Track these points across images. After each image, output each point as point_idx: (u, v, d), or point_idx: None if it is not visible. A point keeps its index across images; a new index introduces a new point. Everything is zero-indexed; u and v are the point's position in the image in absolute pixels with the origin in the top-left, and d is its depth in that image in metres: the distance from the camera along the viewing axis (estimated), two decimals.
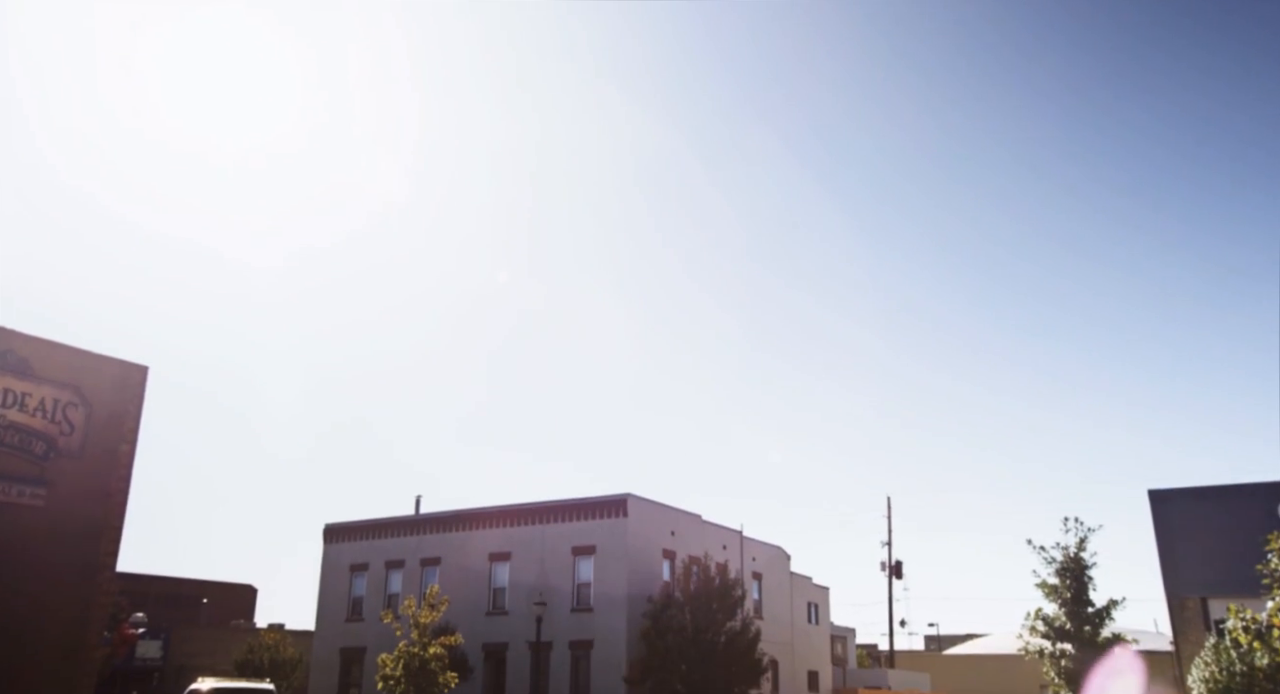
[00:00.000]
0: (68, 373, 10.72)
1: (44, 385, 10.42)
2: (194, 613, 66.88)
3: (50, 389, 10.46)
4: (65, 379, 10.64)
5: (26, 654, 10.14)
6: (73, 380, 10.70)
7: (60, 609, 10.49)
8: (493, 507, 45.56)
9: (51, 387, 10.47)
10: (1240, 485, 32.42)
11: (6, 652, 9.95)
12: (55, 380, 10.54)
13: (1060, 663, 25.98)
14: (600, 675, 39.47)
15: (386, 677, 19.56)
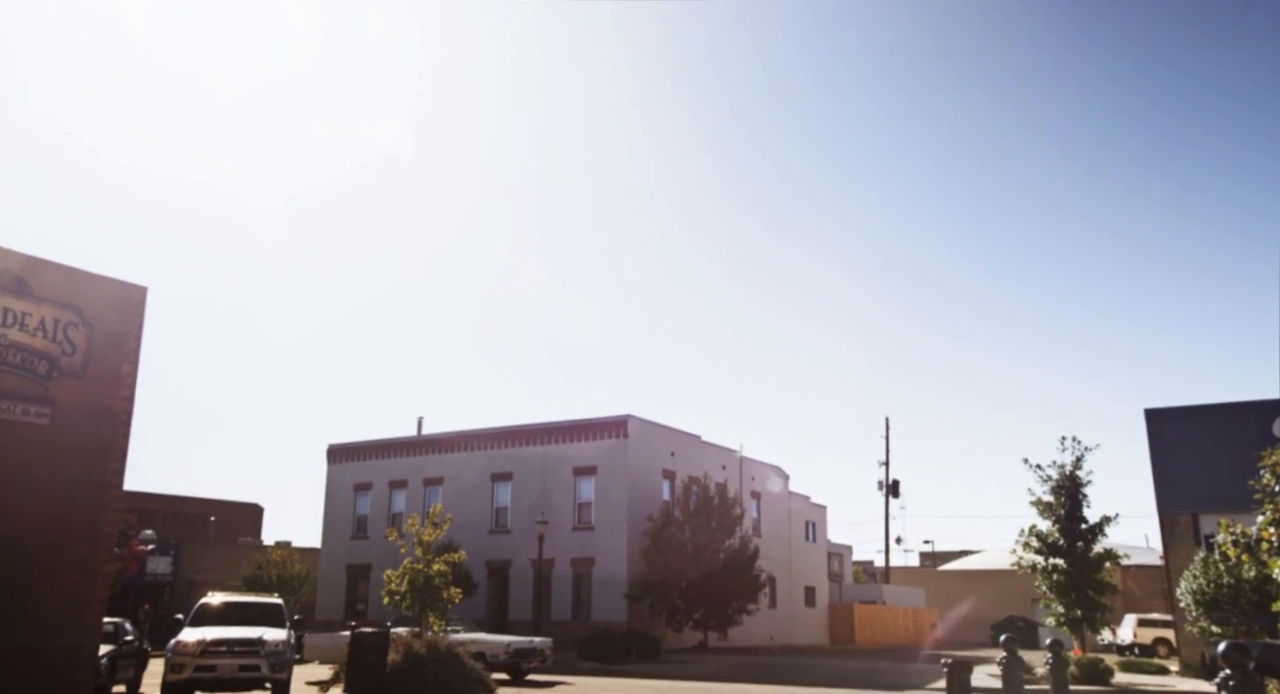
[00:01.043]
0: (66, 293, 10.69)
1: (44, 305, 10.40)
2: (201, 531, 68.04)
3: (50, 309, 10.44)
4: (64, 299, 10.61)
5: (41, 568, 10.34)
6: (72, 300, 10.68)
7: (71, 526, 10.65)
8: (494, 427, 46.00)
9: (51, 306, 10.45)
10: (1235, 403, 32.62)
11: (22, 566, 10.14)
12: (54, 300, 10.51)
13: (1052, 577, 26.48)
14: (601, 592, 40.34)
15: (392, 592, 19.91)
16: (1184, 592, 24.84)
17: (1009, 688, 10.07)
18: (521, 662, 23.74)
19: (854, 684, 24.16)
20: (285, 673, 18.24)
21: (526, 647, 24.17)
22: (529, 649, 24.17)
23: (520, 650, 23.77)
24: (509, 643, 23.86)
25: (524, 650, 23.93)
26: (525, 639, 25.14)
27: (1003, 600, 62.14)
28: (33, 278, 10.34)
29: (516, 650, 23.54)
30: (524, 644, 24.34)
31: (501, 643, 23.82)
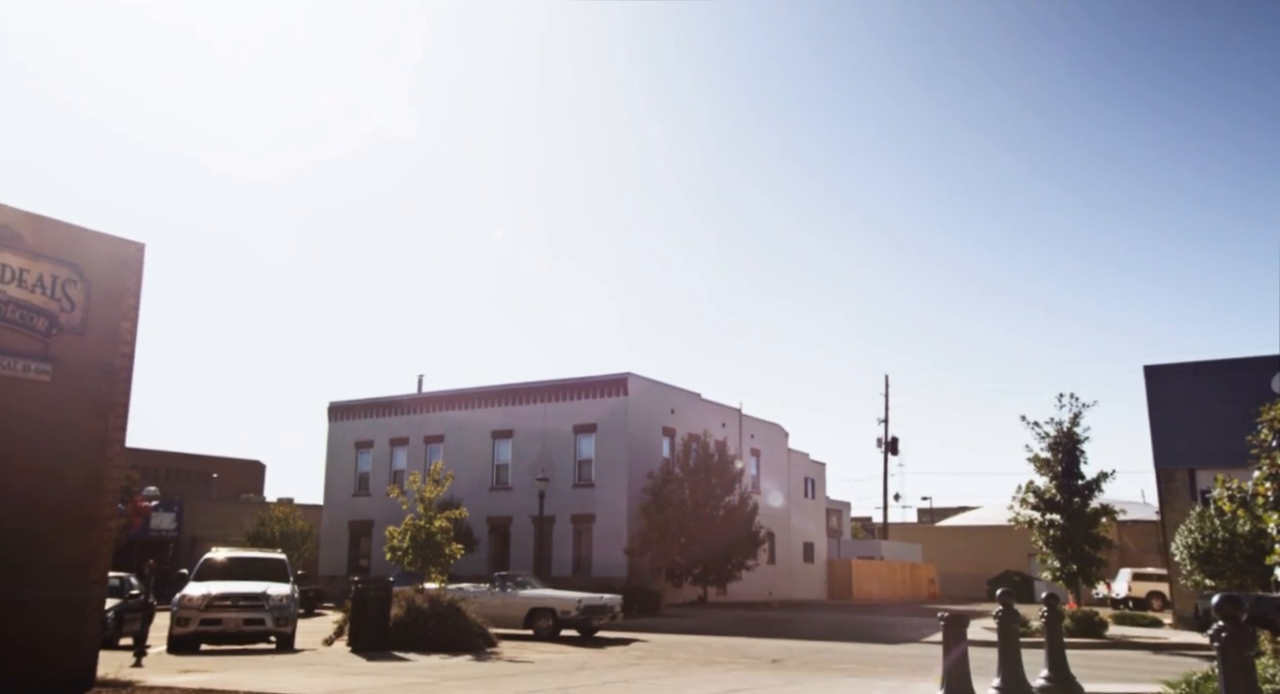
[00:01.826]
0: (65, 249, 10.64)
1: (42, 261, 10.35)
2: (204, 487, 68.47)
3: (48, 265, 10.40)
4: (62, 256, 10.56)
5: (46, 523, 10.41)
6: (70, 257, 10.63)
7: (74, 482, 10.71)
8: (495, 385, 46.11)
9: (49, 263, 10.41)
10: (1234, 360, 32.59)
11: (26, 521, 10.20)
12: (53, 257, 10.47)
13: (1049, 532, 26.70)
14: (602, 547, 40.71)
15: (394, 548, 20.05)
16: (1179, 546, 25.03)
17: (1004, 641, 10.17)
18: (592, 618, 22.86)
19: (852, 638, 24.46)
20: (289, 626, 18.47)
21: (597, 603, 23.30)
22: (599, 606, 23.26)
23: (591, 607, 22.88)
24: (580, 600, 23.01)
25: (595, 607, 23.03)
26: (596, 596, 24.29)
27: (999, 556, 62.72)
28: (30, 234, 10.29)
29: (588, 607, 22.66)
30: (595, 601, 23.48)
31: (572, 599, 23.05)
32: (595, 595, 24.07)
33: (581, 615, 22.37)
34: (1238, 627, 6.33)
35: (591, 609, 22.72)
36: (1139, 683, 13.15)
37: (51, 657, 10.31)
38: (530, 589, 23.96)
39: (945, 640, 8.78)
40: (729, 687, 11.65)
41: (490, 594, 23.33)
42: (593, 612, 22.75)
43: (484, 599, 22.83)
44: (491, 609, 22.60)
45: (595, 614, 22.81)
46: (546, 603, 22.76)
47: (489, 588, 23.88)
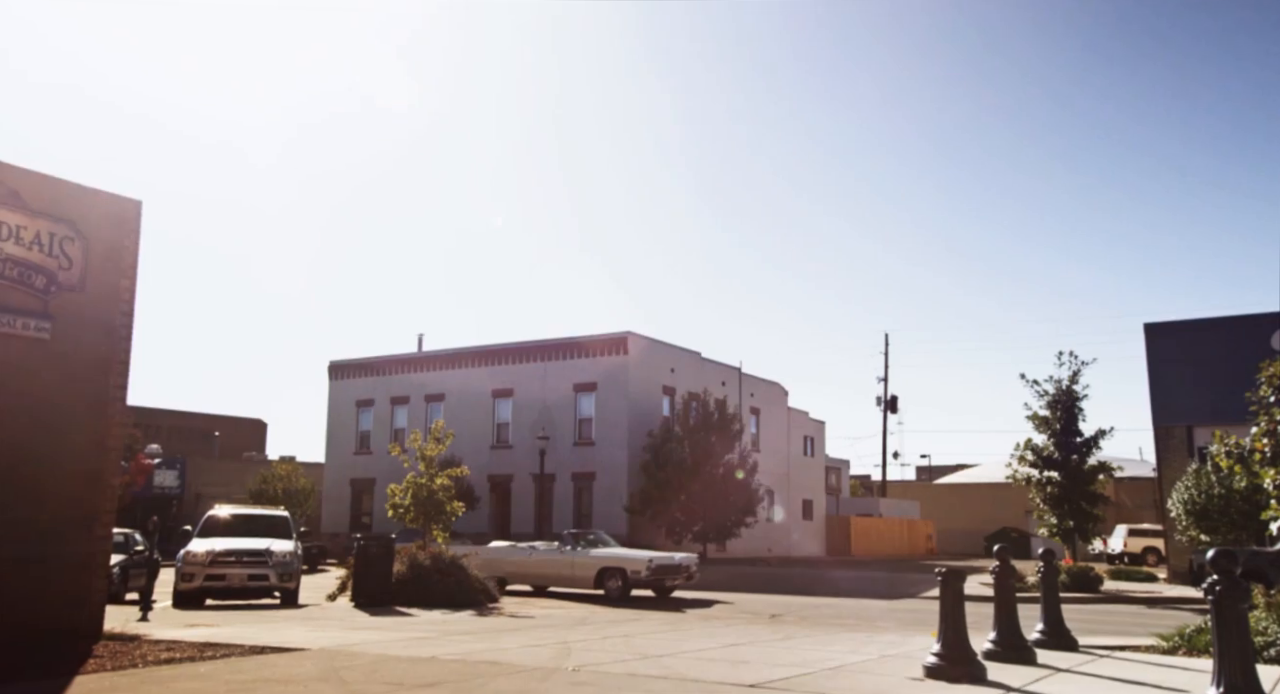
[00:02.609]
0: (61, 206, 10.56)
1: (39, 218, 10.29)
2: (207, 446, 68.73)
3: (45, 222, 10.34)
4: (59, 212, 10.50)
5: (49, 481, 10.47)
6: (66, 214, 10.56)
7: (76, 439, 10.75)
8: (495, 344, 46.16)
9: (46, 220, 10.35)
10: (1234, 317, 32.52)
11: (30, 478, 10.26)
12: (49, 214, 10.40)
13: (1046, 489, 26.87)
14: (602, 505, 41.02)
15: (396, 505, 20.16)
16: (1175, 502, 25.19)
17: (1000, 596, 10.26)
18: (666, 578, 21.46)
19: (849, 593, 24.71)
20: (293, 582, 18.66)
21: (669, 563, 21.79)
22: (672, 565, 21.75)
23: (663, 567, 21.43)
24: (650, 559, 21.50)
25: (667, 567, 21.54)
26: (668, 555, 22.90)
27: (997, 513, 63.19)
28: (25, 190, 10.22)
29: (660, 567, 21.26)
30: (666, 560, 21.97)
31: (643, 559, 21.48)
32: (667, 554, 22.83)
33: (653, 575, 20.99)
34: (1231, 580, 6.40)
35: (664, 569, 21.39)
36: (1133, 636, 13.31)
37: (59, 611, 10.43)
38: (601, 548, 22.58)
39: (942, 596, 8.86)
40: (728, 640, 11.80)
41: (558, 553, 22.44)
42: (665, 571, 21.42)
43: (551, 558, 22.20)
44: (559, 568, 21.96)
45: (668, 574, 21.50)
46: (617, 563, 21.37)
47: (557, 547, 22.99)
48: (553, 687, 7.78)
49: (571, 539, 22.87)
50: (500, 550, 24.07)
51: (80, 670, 8.54)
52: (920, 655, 9.36)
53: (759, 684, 8.08)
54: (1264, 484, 11.68)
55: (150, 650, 9.91)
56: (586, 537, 23.46)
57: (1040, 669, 9.36)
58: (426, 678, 8.23)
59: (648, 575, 20.84)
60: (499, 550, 24.08)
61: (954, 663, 8.50)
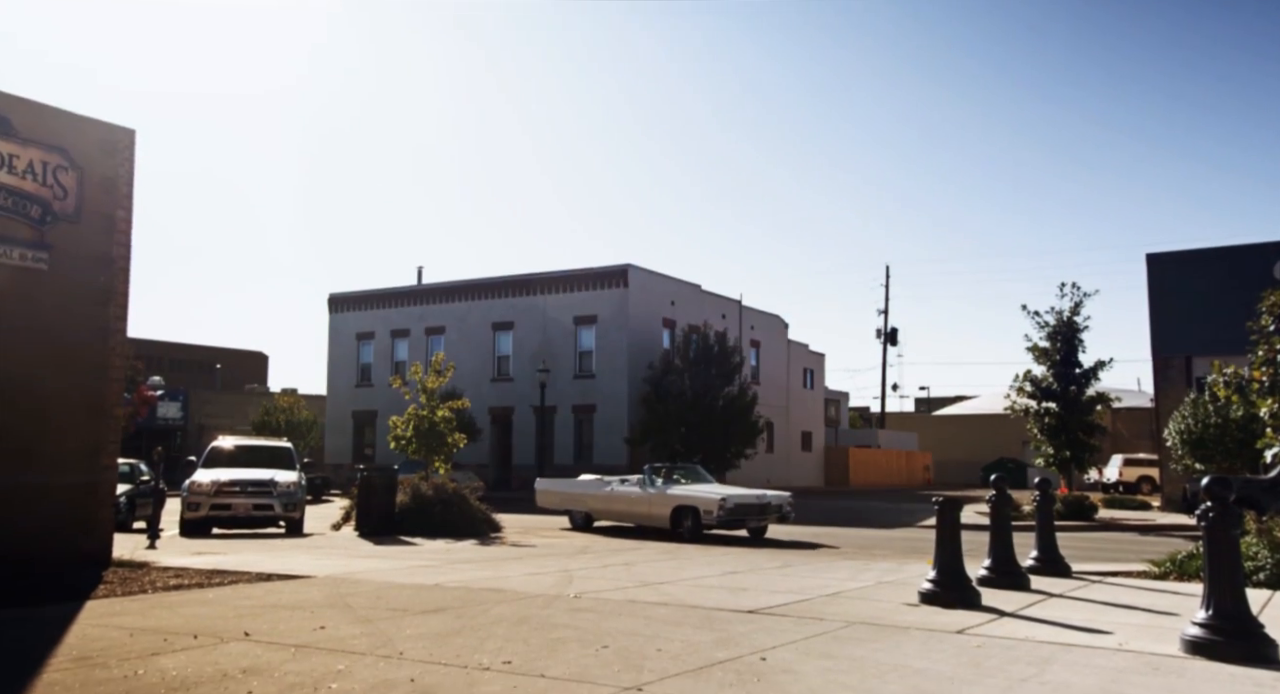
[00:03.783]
0: (53, 134, 10.41)
1: (31, 147, 10.15)
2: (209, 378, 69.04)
3: (38, 151, 10.20)
4: (51, 141, 10.35)
5: (53, 411, 10.52)
6: (59, 142, 10.41)
7: (78, 370, 10.77)
8: (494, 277, 46.04)
9: (39, 149, 10.21)
10: (1237, 246, 32.35)
11: (34, 408, 10.31)
12: (41, 142, 10.25)
13: (1044, 420, 27.06)
14: (603, 437, 41.36)
15: (398, 437, 20.28)
16: (1171, 432, 25.36)
17: (996, 524, 10.40)
18: (747, 519, 18.72)
19: (847, 523, 25.03)
20: (298, 512, 18.89)
21: (749, 501, 18.86)
22: (752, 504, 18.82)
23: (742, 506, 18.52)
24: (724, 497, 18.42)
25: (746, 506, 18.64)
26: (746, 492, 19.79)
27: (994, 444, 63.73)
28: (16, 118, 10.06)
29: (737, 506, 18.37)
30: (745, 498, 18.95)
31: (714, 497, 18.41)
32: (754, 492, 19.93)
33: (728, 515, 18.12)
34: (1225, 507, 6.46)
35: (743, 508, 18.48)
36: (1126, 562, 13.52)
37: (69, 539, 10.59)
38: (682, 485, 19.97)
39: (938, 524, 8.98)
40: (726, 568, 11.98)
41: (637, 489, 20.03)
42: (745, 510, 18.52)
43: (629, 494, 20.01)
44: (636, 505, 19.79)
45: (750, 513, 18.65)
46: (690, 501, 18.65)
47: (638, 481, 20.45)
48: (554, 613, 7.92)
49: (653, 473, 20.39)
50: (583, 485, 21.98)
51: (91, 596, 8.69)
52: (916, 582, 9.52)
53: (757, 610, 8.23)
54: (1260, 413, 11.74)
55: (159, 577, 10.08)
56: (669, 470, 21.15)
57: (1033, 594, 9.53)
58: (431, 604, 8.38)
59: (721, 515, 18.05)
60: (583, 485, 21.94)
61: (948, 589, 8.64)
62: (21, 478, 10.09)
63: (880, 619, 7.80)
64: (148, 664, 5.72)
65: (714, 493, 18.87)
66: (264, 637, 6.65)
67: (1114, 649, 6.65)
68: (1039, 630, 7.37)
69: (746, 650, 6.33)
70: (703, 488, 19.65)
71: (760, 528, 19.33)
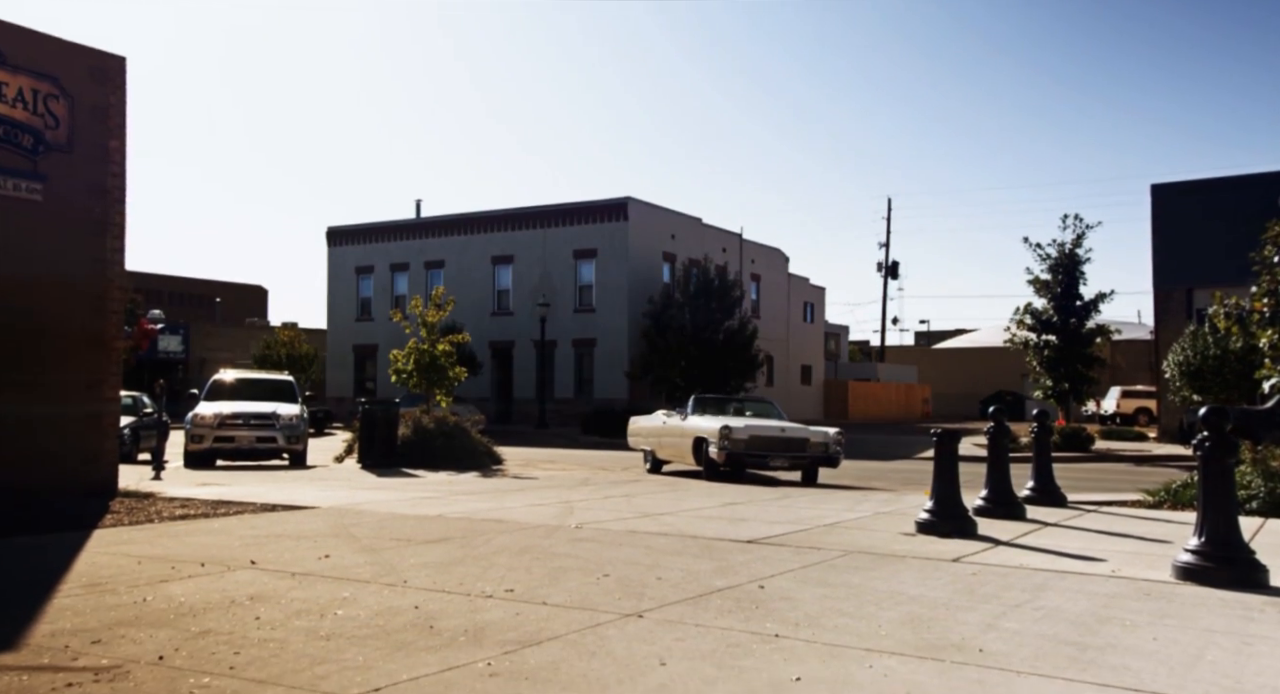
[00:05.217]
0: (42, 61, 10.20)
1: (19, 75, 9.96)
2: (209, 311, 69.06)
3: (27, 79, 10.02)
4: (41, 69, 10.15)
5: (53, 343, 10.53)
6: (49, 70, 10.22)
7: (77, 303, 10.74)
8: (494, 210, 45.71)
9: (28, 76, 10.03)
10: (1243, 176, 32.04)
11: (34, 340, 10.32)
12: (30, 70, 10.06)
13: (1043, 353, 27.14)
14: (603, 371, 41.51)
15: (399, 371, 20.31)
16: (1170, 364, 25.44)
17: (994, 455, 10.48)
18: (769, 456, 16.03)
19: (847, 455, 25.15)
20: (300, 444, 19.05)
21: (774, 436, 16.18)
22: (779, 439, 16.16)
23: (760, 439, 16.00)
24: (727, 426, 16.00)
25: (765, 440, 16.03)
26: (775, 424, 16.96)
27: (993, 377, 63.98)
28: (4, 44, 9.86)
29: (751, 438, 15.95)
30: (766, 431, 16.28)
31: (716, 428, 16.06)
32: (763, 423, 16.98)
33: (735, 448, 15.71)
34: (1221, 436, 6.50)
35: (759, 442, 15.87)
36: (1121, 492, 13.67)
37: (74, 469, 10.69)
38: (710, 416, 17.34)
39: (936, 455, 9.05)
40: (726, 500, 12.11)
41: (677, 418, 17.84)
42: (761, 445, 15.85)
43: (671, 427, 18.04)
44: (673, 439, 17.60)
45: (769, 449, 15.89)
46: (703, 432, 16.35)
47: (679, 411, 18.31)
48: (556, 543, 8.02)
49: (699, 404, 17.99)
50: (650, 420, 19.52)
51: (98, 525, 8.80)
52: (913, 512, 9.63)
53: (756, 540, 8.33)
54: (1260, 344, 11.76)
55: (165, 507, 10.20)
56: (730, 403, 19.08)
57: (1029, 524, 9.65)
58: (433, 534, 8.48)
59: (727, 447, 15.64)
60: (650, 420, 19.49)
61: (945, 519, 8.74)
62: (23, 409, 10.15)
63: (877, 548, 7.91)
64: (156, 591, 5.81)
65: (735, 424, 16.32)
66: (270, 565, 6.74)
67: (1106, 576, 6.75)
68: (1033, 558, 7.48)
69: (745, 579, 6.42)
70: (720, 420, 16.74)
71: (803, 467, 16.33)
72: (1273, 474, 10.59)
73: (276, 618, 5.11)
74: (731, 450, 15.79)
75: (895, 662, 4.37)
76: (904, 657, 4.46)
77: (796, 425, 17.37)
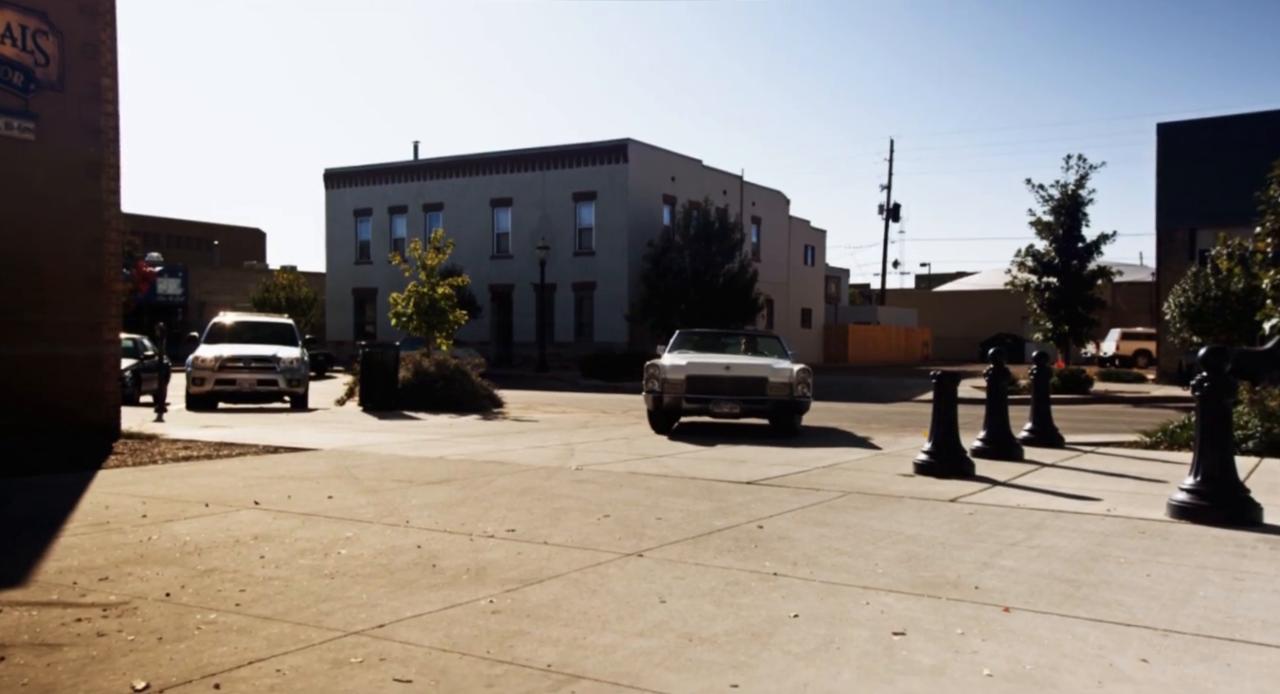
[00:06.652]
0: None
1: (6, 9, 9.72)
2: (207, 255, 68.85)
3: (14, 14, 9.81)
4: (27, 3, 9.92)
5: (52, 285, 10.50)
6: (37, 5, 9.98)
7: (74, 244, 10.69)
8: (492, 152, 45.30)
9: (14, 11, 9.81)
10: (1250, 115, 31.62)
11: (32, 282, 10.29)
12: (17, 4, 9.80)
13: (1044, 295, 27.09)
14: (603, 314, 41.50)
15: (399, 314, 20.28)
16: (1171, 305, 25.39)
17: (993, 397, 10.52)
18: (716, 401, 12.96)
19: (846, 398, 25.35)
20: (302, 387, 19.09)
21: (720, 376, 13.07)
22: (727, 380, 13.07)
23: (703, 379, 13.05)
24: (665, 369, 13.16)
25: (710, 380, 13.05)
26: (719, 361, 13.67)
27: (993, 320, 64.00)
28: None
29: (692, 378, 13.06)
30: (708, 370, 13.23)
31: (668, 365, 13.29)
32: (711, 359, 13.76)
33: (675, 394, 12.86)
34: (1220, 376, 6.52)
35: (705, 381, 12.90)
36: (1118, 433, 13.75)
37: (78, 411, 10.74)
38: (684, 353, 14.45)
39: (935, 396, 9.07)
40: (725, 442, 12.16)
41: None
42: (704, 388, 12.88)
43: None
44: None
45: (713, 391, 12.85)
46: (655, 371, 13.33)
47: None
48: (557, 484, 8.08)
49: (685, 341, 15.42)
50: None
51: (102, 466, 8.86)
52: (912, 454, 9.69)
53: (755, 481, 8.40)
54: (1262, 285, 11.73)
55: (168, 448, 10.27)
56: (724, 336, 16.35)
57: (1026, 465, 9.72)
58: (435, 476, 8.55)
59: (664, 392, 12.96)
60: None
61: (943, 460, 8.80)
62: (24, 350, 10.16)
63: (876, 489, 7.98)
64: (161, 530, 5.87)
65: (674, 361, 13.53)
66: (273, 506, 6.81)
67: (1102, 515, 6.82)
68: (1030, 498, 7.55)
69: (744, 519, 6.49)
70: (705, 358, 13.96)
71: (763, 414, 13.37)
72: (1270, 414, 10.65)
73: (281, 557, 5.17)
74: (663, 394, 12.84)
75: (892, 599, 4.43)
76: (900, 594, 4.52)
77: (753, 361, 13.83)
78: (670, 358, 13.92)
